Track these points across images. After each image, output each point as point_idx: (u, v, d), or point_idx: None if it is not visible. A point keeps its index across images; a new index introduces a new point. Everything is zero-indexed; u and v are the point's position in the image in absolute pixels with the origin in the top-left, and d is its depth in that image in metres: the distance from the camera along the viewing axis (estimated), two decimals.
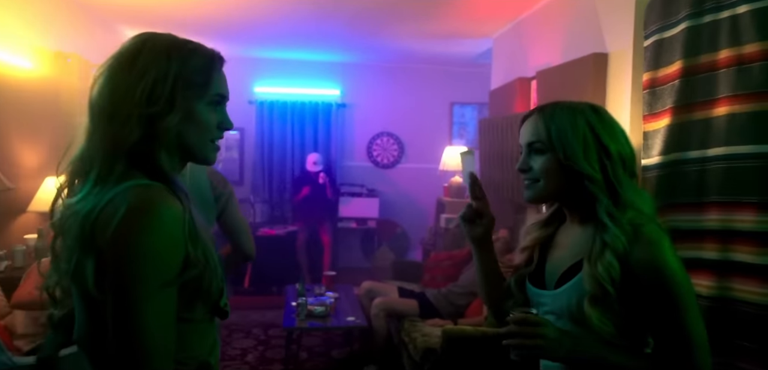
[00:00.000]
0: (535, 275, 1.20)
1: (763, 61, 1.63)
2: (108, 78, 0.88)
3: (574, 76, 2.72)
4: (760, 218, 1.61)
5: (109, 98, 0.86)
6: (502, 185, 3.58)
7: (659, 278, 1.02)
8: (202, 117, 0.91)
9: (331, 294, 3.52)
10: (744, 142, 1.67)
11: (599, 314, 1.02)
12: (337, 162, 6.24)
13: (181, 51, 0.90)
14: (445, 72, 6.31)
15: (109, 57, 0.91)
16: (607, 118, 1.12)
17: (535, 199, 1.15)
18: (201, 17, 4.33)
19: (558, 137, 1.07)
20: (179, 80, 0.88)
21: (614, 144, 1.08)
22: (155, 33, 0.92)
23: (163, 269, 0.80)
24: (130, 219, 0.79)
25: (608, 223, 1.04)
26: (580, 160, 1.06)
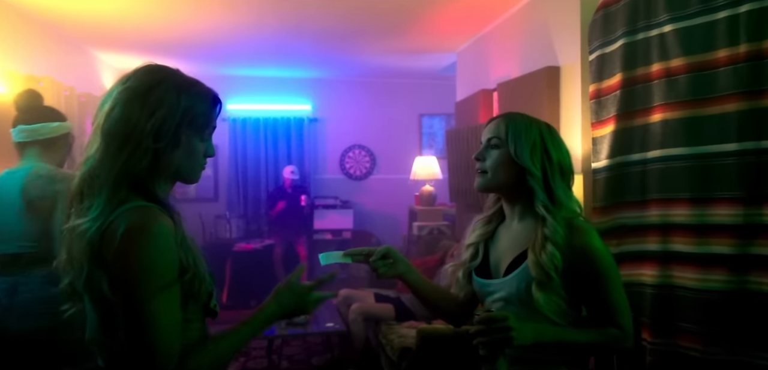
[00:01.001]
0: (482, 267, 1.38)
1: (686, 74, 1.85)
2: (122, 107, 0.98)
3: (531, 87, 2.93)
4: (692, 211, 1.83)
5: (123, 127, 0.97)
6: (469, 191, 3.77)
7: (592, 261, 1.25)
8: (196, 149, 1.05)
9: None
10: (677, 145, 1.88)
11: (545, 296, 1.22)
12: (311, 175, 6.35)
13: (190, 93, 1.03)
14: (413, 85, 6.52)
15: (120, 83, 1.01)
16: (556, 135, 1.35)
17: (483, 187, 1.35)
18: (173, 38, 4.41)
19: (513, 136, 1.29)
20: (185, 120, 1.01)
21: (557, 154, 1.30)
22: (167, 69, 1.04)
23: (160, 274, 0.93)
24: (130, 237, 0.92)
25: (545, 215, 1.25)
26: (526, 157, 1.27)
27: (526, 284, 1.25)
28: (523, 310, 1.25)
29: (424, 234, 4.58)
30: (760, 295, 1.67)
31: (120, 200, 0.96)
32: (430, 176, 4.98)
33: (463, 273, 1.42)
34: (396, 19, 3.90)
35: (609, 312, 1.27)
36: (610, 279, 1.26)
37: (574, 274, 1.25)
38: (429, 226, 4.67)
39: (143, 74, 1.02)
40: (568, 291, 1.26)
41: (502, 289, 1.30)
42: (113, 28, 4.07)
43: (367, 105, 6.48)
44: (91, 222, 0.95)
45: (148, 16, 3.77)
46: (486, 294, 1.35)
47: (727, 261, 1.73)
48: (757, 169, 1.68)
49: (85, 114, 4.26)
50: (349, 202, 6.33)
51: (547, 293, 1.22)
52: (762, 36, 1.65)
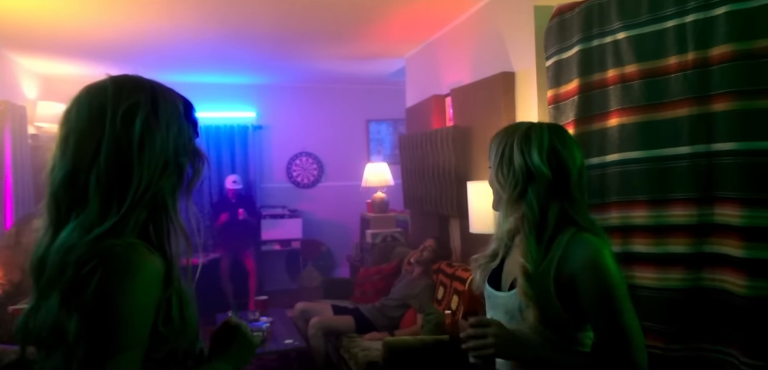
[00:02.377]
0: (493, 276, 1.32)
1: (640, 80, 1.92)
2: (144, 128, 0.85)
3: (486, 92, 2.96)
4: (650, 213, 1.89)
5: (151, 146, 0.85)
6: (424, 197, 3.76)
7: (597, 279, 1.13)
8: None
9: (266, 319, 3.49)
10: (633, 149, 1.94)
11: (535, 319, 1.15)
12: (257, 184, 6.15)
13: (190, 110, 0.94)
14: (360, 91, 6.47)
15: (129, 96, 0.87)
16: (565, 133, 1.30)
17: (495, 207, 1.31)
18: (104, 41, 4.11)
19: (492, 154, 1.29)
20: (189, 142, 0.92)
21: (566, 151, 1.23)
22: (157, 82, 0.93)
23: (136, 328, 0.79)
24: (111, 280, 0.77)
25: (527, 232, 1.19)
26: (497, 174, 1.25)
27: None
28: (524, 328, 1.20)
29: (378, 241, 4.54)
30: (713, 291, 1.74)
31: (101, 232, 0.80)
32: (382, 183, 4.95)
33: (482, 273, 1.34)
34: (344, 25, 3.84)
35: (618, 340, 1.12)
36: (619, 300, 1.13)
37: (575, 291, 1.15)
38: (382, 233, 4.63)
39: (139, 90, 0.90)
40: (567, 310, 1.16)
41: (506, 303, 1.25)
42: (32, 30, 3.73)
43: (314, 111, 6.37)
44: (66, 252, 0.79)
45: (70, 15, 3.46)
46: (491, 305, 1.30)
47: (683, 260, 1.80)
48: (708, 171, 1.75)
49: (3, 123, 3.89)
50: (297, 211, 6.18)
51: (539, 313, 1.14)
52: (707, 44, 1.73)
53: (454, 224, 3.56)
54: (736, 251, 1.65)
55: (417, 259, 3.41)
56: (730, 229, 1.68)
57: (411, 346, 2.50)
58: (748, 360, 1.63)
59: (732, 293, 1.67)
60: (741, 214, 1.64)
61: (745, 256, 1.62)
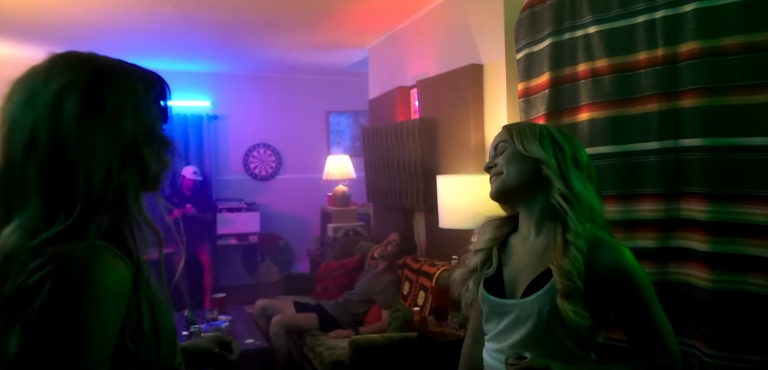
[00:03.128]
0: (493, 282, 1.25)
1: (610, 74, 1.92)
2: (81, 113, 0.73)
3: (453, 84, 2.92)
4: (619, 208, 1.90)
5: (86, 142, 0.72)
6: (389, 191, 3.70)
7: (627, 280, 1.13)
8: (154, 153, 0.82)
9: (225, 317, 3.34)
10: (603, 143, 1.95)
11: (573, 307, 1.09)
12: (212, 176, 5.92)
13: (156, 91, 0.81)
14: (320, 81, 6.33)
15: (59, 76, 0.74)
16: (567, 133, 1.28)
17: (500, 190, 1.23)
18: (49, 22, 3.80)
19: (518, 134, 1.22)
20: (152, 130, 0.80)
21: (569, 146, 1.22)
22: (96, 56, 0.80)
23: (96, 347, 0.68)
24: (65, 290, 0.66)
25: (564, 206, 1.14)
26: (536, 147, 1.19)
27: (550, 306, 1.13)
28: (539, 339, 1.15)
29: (340, 236, 4.45)
30: (678, 284, 1.77)
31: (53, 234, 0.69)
32: (344, 176, 4.86)
33: (475, 282, 1.28)
34: (304, 13, 3.72)
35: (653, 336, 1.15)
36: (649, 299, 1.15)
37: (602, 295, 1.14)
38: (344, 227, 4.54)
39: (85, 67, 0.77)
40: (591, 313, 1.13)
41: (521, 311, 1.18)
42: None
43: (272, 102, 6.18)
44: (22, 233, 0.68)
45: None
46: (497, 314, 1.23)
47: (651, 254, 1.82)
48: (675, 167, 1.78)
49: None
50: (254, 204, 5.99)
51: (574, 304, 1.10)
52: (675, 41, 1.75)
53: (418, 218, 3.52)
54: (701, 245, 1.68)
55: (381, 253, 3.36)
56: (695, 223, 1.71)
57: (378, 344, 2.44)
58: (711, 352, 1.66)
59: (696, 287, 1.70)
60: (706, 209, 1.66)
61: (709, 250, 1.65)
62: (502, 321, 1.22)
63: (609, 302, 1.16)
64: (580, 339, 1.17)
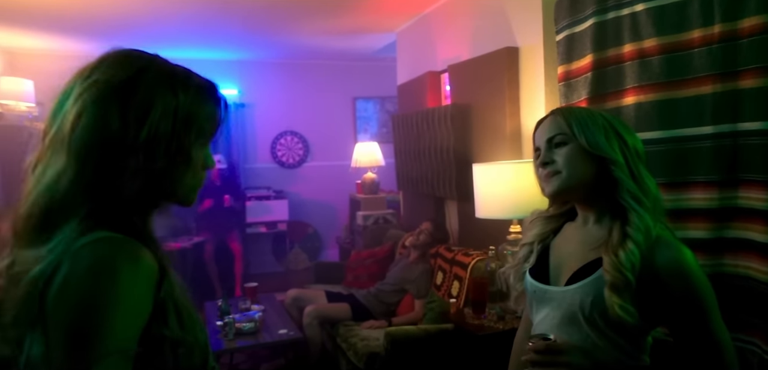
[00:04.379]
0: (538, 268, 1.18)
1: (660, 55, 1.81)
2: (95, 113, 0.70)
3: (487, 69, 2.83)
4: (670, 196, 1.80)
5: (100, 139, 0.70)
6: (420, 178, 3.64)
7: (685, 283, 1.03)
8: (198, 162, 0.79)
9: (258, 307, 3.35)
10: (651, 129, 1.85)
11: (620, 301, 1.01)
12: (241, 165, 5.95)
13: (189, 87, 0.76)
14: (346, 67, 6.28)
15: (82, 81, 0.72)
16: (623, 120, 1.18)
17: (558, 191, 1.12)
18: (71, 13, 3.83)
19: (579, 126, 1.10)
20: (189, 125, 0.74)
21: (629, 137, 1.12)
22: (147, 54, 0.76)
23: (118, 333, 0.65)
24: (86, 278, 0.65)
25: (634, 205, 1.05)
26: (603, 144, 1.08)
27: (593, 298, 1.05)
28: (581, 331, 1.07)
29: (370, 224, 4.41)
30: (736, 277, 1.68)
31: (81, 231, 0.68)
32: (373, 163, 4.81)
33: (515, 275, 1.23)
34: None
35: (709, 351, 1.03)
36: (708, 307, 1.03)
37: (655, 297, 1.04)
38: (374, 215, 4.50)
39: (113, 63, 0.74)
40: (642, 315, 1.04)
41: (562, 300, 1.10)
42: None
43: (298, 88, 6.16)
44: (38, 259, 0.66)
45: None
46: (539, 301, 1.17)
47: (703, 245, 1.72)
48: (733, 152, 1.67)
49: None
50: (283, 192, 6.00)
51: (622, 298, 1.01)
52: (736, 16, 1.63)
53: (451, 206, 3.45)
54: (761, 236, 1.58)
55: (413, 242, 3.30)
56: (755, 213, 1.61)
57: (414, 336, 2.40)
58: None
59: (756, 280, 1.61)
60: (767, 198, 1.56)
61: None
62: (544, 309, 1.15)
63: (662, 306, 1.05)
64: (627, 337, 1.07)
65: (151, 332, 0.69)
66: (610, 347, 1.07)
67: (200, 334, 0.78)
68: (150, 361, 0.70)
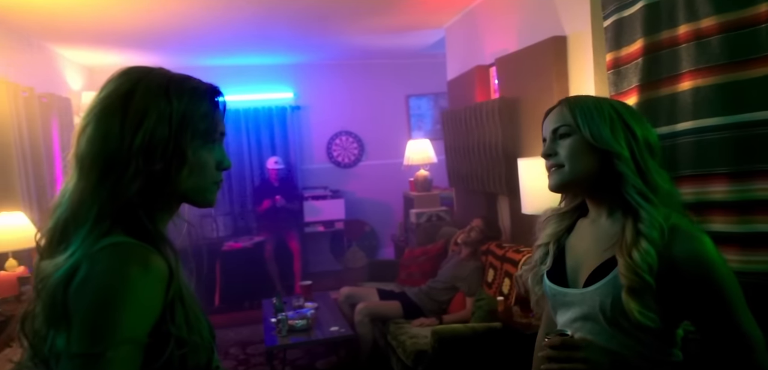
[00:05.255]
0: (555, 270, 1.15)
1: (719, 35, 1.67)
2: (97, 124, 0.77)
3: (535, 60, 2.74)
4: (732, 188, 1.66)
5: (102, 147, 0.76)
6: (470, 175, 3.59)
7: (705, 274, 0.98)
8: (205, 162, 0.83)
9: (311, 305, 3.44)
10: (711, 115, 1.71)
11: (639, 306, 0.97)
12: (297, 166, 6.12)
13: (182, 91, 0.80)
14: (398, 65, 6.29)
15: (94, 98, 0.80)
16: (634, 110, 1.11)
17: (560, 185, 1.10)
18: (139, 29, 4.11)
19: (584, 118, 1.05)
20: (183, 127, 0.79)
21: (640, 128, 1.06)
22: (145, 68, 0.82)
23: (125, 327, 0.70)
24: (97, 279, 0.71)
25: (641, 204, 1.00)
26: (608, 137, 1.03)
27: (612, 298, 1.00)
28: (606, 332, 1.03)
29: (423, 221, 4.40)
30: None
31: (99, 235, 0.74)
32: (425, 160, 4.79)
33: (533, 278, 1.20)
34: None
35: (735, 345, 0.97)
36: (732, 298, 0.97)
37: (677, 288, 0.99)
38: (427, 212, 4.49)
39: (116, 78, 0.80)
40: (665, 311, 1.00)
41: (582, 303, 1.07)
42: (71, 21, 3.75)
43: (352, 89, 6.24)
44: (58, 265, 0.73)
45: (108, 5, 3.46)
46: (559, 305, 1.13)
47: None
48: None
49: (50, 116, 3.97)
50: (339, 191, 6.11)
51: (641, 301, 0.97)
52: None
53: (502, 202, 3.37)
54: None
55: (464, 240, 3.26)
56: None
57: (461, 334, 2.37)
58: None
59: None
60: None
61: None
62: (567, 312, 1.11)
63: (683, 300, 0.99)
64: (654, 334, 1.01)
65: (159, 330, 0.74)
66: (638, 346, 1.02)
67: (206, 333, 0.82)
68: (157, 358, 0.75)
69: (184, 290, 0.79)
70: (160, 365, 0.75)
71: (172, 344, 0.76)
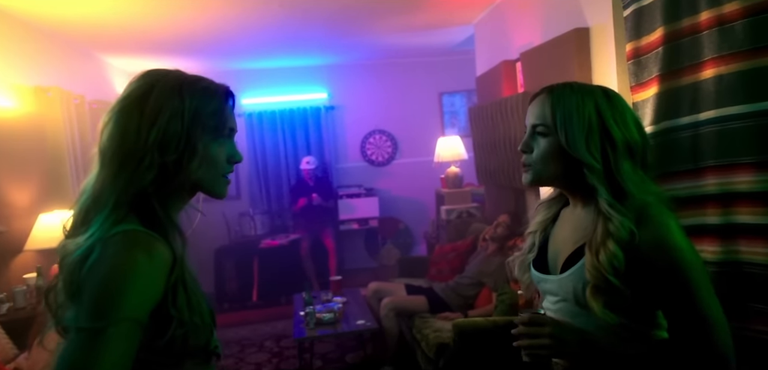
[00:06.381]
0: (539, 258, 1.18)
1: (743, 19, 1.61)
2: (117, 121, 0.86)
3: (557, 53, 2.70)
4: (758, 177, 1.60)
5: (120, 143, 0.85)
6: (497, 170, 3.57)
7: (668, 259, 0.99)
8: (215, 155, 0.91)
9: (339, 299, 3.52)
10: (735, 103, 1.66)
11: (601, 304, 1.00)
12: (332, 165, 6.23)
13: (194, 90, 0.89)
14: (430, 63, 6.29)
15: (116, 99, 0.90)
16: (618, 104, 1.09)
17: (532, 182, 1.13)
18: (180, 36, 4.31)
19: (563, 121, 1.05)
20: (195, 124, 0.87)
21: (621, 132, 1.04)
22: (162, 70, 0.91)
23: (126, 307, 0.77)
24: (103, 262, 0.78)
25: (610, 211, 1.01)
26: (581, 147, 1.03)
27: (583, 284, 1.04)
28: (582, 314, 1.06)
29: (454, 218, 4.40)
30: None
31: (114, 222, 0.83)
32: (455, 157, 4.78)
33: (520, 267, 1.24)
34: None
35: (696, 326, 0.99)
36: (695, 282, 0.98)
37: (644, 274, 1.00)
38: (458, 209, 4.49)
39: (135, 81, 0.90)
40: (636, 295, 1.02)
41: (559, 288, 1.10)
42: (118, 31, 3.99)
43: (384, 88, 6.29)
44: (78, 246, 0.82)
45: (151, 15, 3.67)
46: (543, 291, 1.18)
47: None
48: None
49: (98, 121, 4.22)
50: (373, 189, 6.18)
51: (604, 299, 1.00)
52: None
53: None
54: None
55: (491, 235, 3.25)
56: None
57: (482, 327, 2.38)
58: None
59: None
60: None
61: None
62: (550, 298, 1.14)
63: (648, 283, 1.00)
64: (630, 316, 1.03)
65: (162, 311, 0.82)
66: (616, 328, 1.04)
67: (206, 316, 0.89)
68: (160, 336, 0.82)
69: (187, 275, 0.86)
70: (164, 342, 0.83)
71: (175, 324, 0.83)
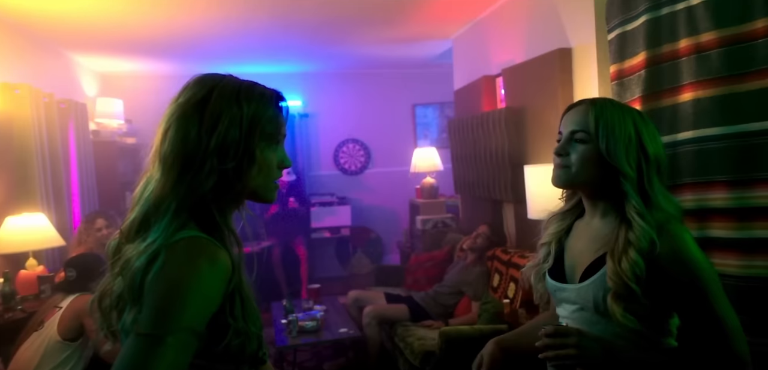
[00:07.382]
0: (555, 268, 1.23)
1: (719, 48, 1.75)
2: (178, 127, 0.85)
3: (541, 71, 2.82)
4: (732, 195, 1.73)
5: (182, 148, 0.84)
6: (476, 182, 3.66)
7: (687, 271, 1.06)
8: (269, 161, 0.91)
9: (320, 307, 3.51)
10: (711, 125, 1.78)
11: (622, 310, 1.06)
12: (305, 172, 6.20)
13: (251, 96, 0.88)
14: (405, 75, 6.38)
15: (172, 103, 0.89)
16: (651, 125, 1.18)
17: (563, 183, 1.18)
18: (155, 37, 4.22)
19: (605, 131, 1.11)
20: (253, 130, 0.87)
21: (653, 148, 1.13)
22: (217, 75, 0.90)
23: (187, 316, 0.77)
24: (169, 268, 0.78)
25: (637, 220, 1.08)
26: (621, 157, 1.10)
27: (603, 293, 1.10)
28: (601, 322, 1.12)
29: (429, 227, 4.47)
30: None
31: (176, 228, 0.82)
32: (431, 168, 4.87)
33: (536, 275, 1.29)
34: (388, 8, 3.76)
35: (715, 336, 1.06)
36: (712, 293, 1.07)
37: (662, 284, 1.08)
38: (433, 219, 4.56)
39: (193, 86, 0.89)
40: (654, 304, 1.09)
41: (578, 297, 1.16)
42: (90, 29, 3.87)
43: (359, 98, 6.34)
44: (140, 252, 0.82)
45: (126, 14, 3.58)
46: (560, 299, 1.22)
47: None
48: None
49: (67, 121, 4.07)
50: (346, 198, 6.19)
51: (624, 305, 1.06)
52: None
53: (507, 209, 3.44)
54: None
55: (470, 245, 3.33)
56: None
57: (468, 335, 2.44)
58: None
59: None
60: None
61: None
62: (566, 306, 1.20)
63: (667, 293, 1.08)
64: (646, 324, 1.10)
65: (219, 320, 0.82)
66: (629, 334, 1.10)
67: (259, 323, 0.90)
68: (216, 343, 0.83)
69: (244, 284, 0.87)
70: (220, 350, 0.83)
71: (231, 333, 0.83)
